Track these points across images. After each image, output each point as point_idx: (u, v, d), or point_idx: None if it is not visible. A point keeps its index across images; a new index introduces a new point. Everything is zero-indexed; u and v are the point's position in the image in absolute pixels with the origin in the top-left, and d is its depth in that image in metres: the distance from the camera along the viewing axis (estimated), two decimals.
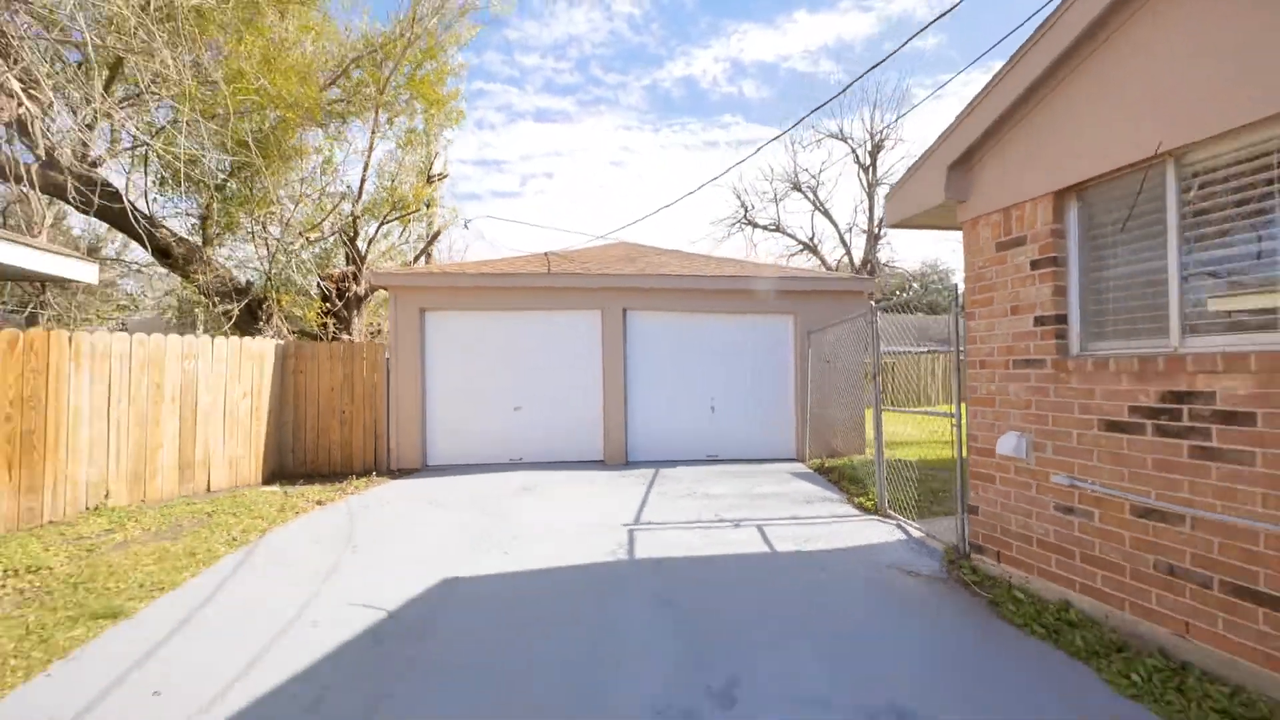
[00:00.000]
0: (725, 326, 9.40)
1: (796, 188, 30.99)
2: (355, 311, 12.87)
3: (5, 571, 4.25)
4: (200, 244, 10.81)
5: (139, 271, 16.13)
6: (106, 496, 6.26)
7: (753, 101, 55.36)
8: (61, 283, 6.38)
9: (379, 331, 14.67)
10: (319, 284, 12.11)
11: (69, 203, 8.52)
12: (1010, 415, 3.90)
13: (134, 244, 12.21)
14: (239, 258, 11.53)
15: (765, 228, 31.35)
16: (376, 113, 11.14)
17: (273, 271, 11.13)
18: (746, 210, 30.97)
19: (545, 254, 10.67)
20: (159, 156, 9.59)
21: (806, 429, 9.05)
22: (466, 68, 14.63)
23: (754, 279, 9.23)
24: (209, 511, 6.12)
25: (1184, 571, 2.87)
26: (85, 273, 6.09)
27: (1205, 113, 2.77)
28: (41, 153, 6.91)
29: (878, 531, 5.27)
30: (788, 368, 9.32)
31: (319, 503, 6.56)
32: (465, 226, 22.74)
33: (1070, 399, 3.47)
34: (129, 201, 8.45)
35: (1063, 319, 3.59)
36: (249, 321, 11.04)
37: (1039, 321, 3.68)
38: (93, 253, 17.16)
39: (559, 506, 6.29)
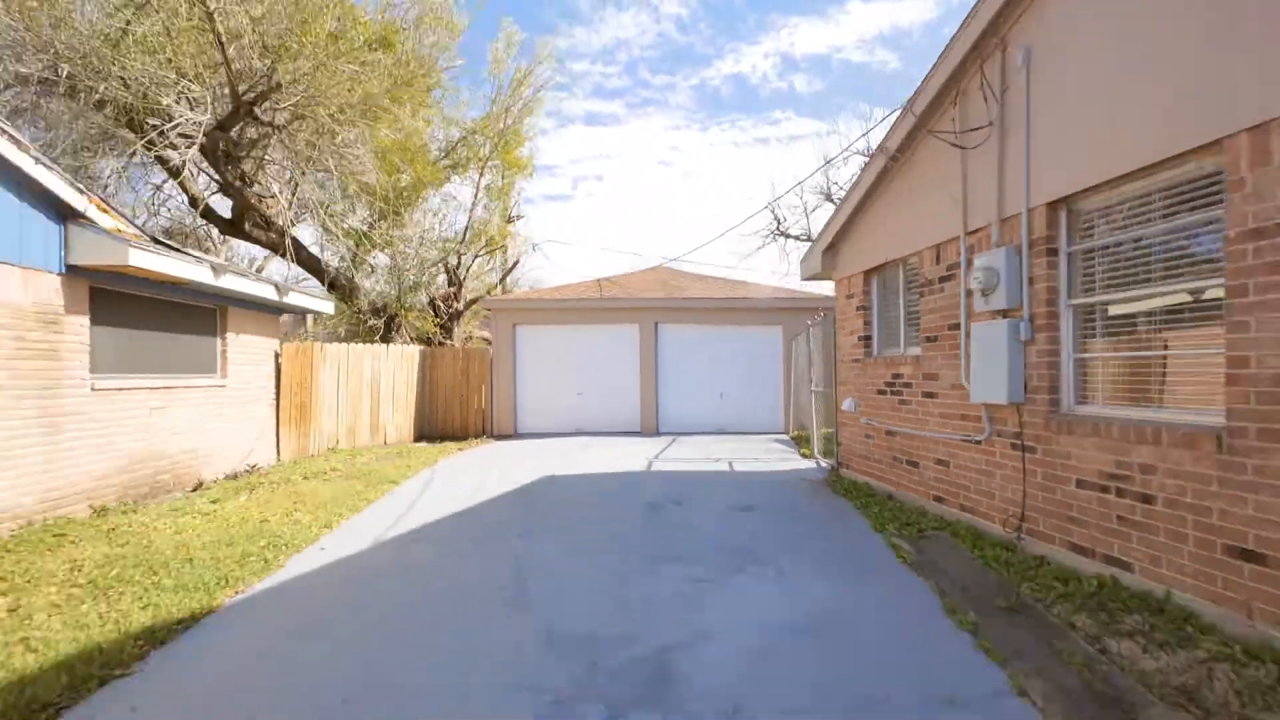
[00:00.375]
0: (732, 334, 12.72)
1: (829, 199, 33.53)
2: (455, 322, 16.93)
3: (321, 471, 8.19)
4: (352, 278, 15.04)
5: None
6: (336, 443, 10.31)
7: (804, 96, 54.64)
8: (312, 313, 10.44)
9: (469, 337, 18.74)
10: (431, 301, 16.21)
11: (281, 256, 12.79)
12: (850, 389, 7.15)
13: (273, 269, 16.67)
14: (379, 290, 15.72)
15: (798, 238, 33.98)
16: (481, 175, 15.14)
17: (401, 295, 15.27)
18: (779, 223, 33.68)
19: (598, 280, 14.29)
20: (330, 221, 13.79)
21: (789, 410, 12.25)
22: (536, 133, 18.43)
23: (751, 299, 12.51)
24: (397, 453, 10.04)
25: (898, 458, 6.10)
26: (328, 307, 10.13)
27: (899, 245, 6.00)
28: (287, 229, 11.03)
29: (803, 465, 8.54)
30: (776, 366, 12.54)
31: (459, 449, 10.40)
32: (533, 249, 26.97)
33: (869, 379, 6.70)
34: (320, 258, 12.65)
35: (869, 337, 6.83)
36: (386, 332, 15.21)
37: (859, 339, 6.92)
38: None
39: (609, 452, 9.85)
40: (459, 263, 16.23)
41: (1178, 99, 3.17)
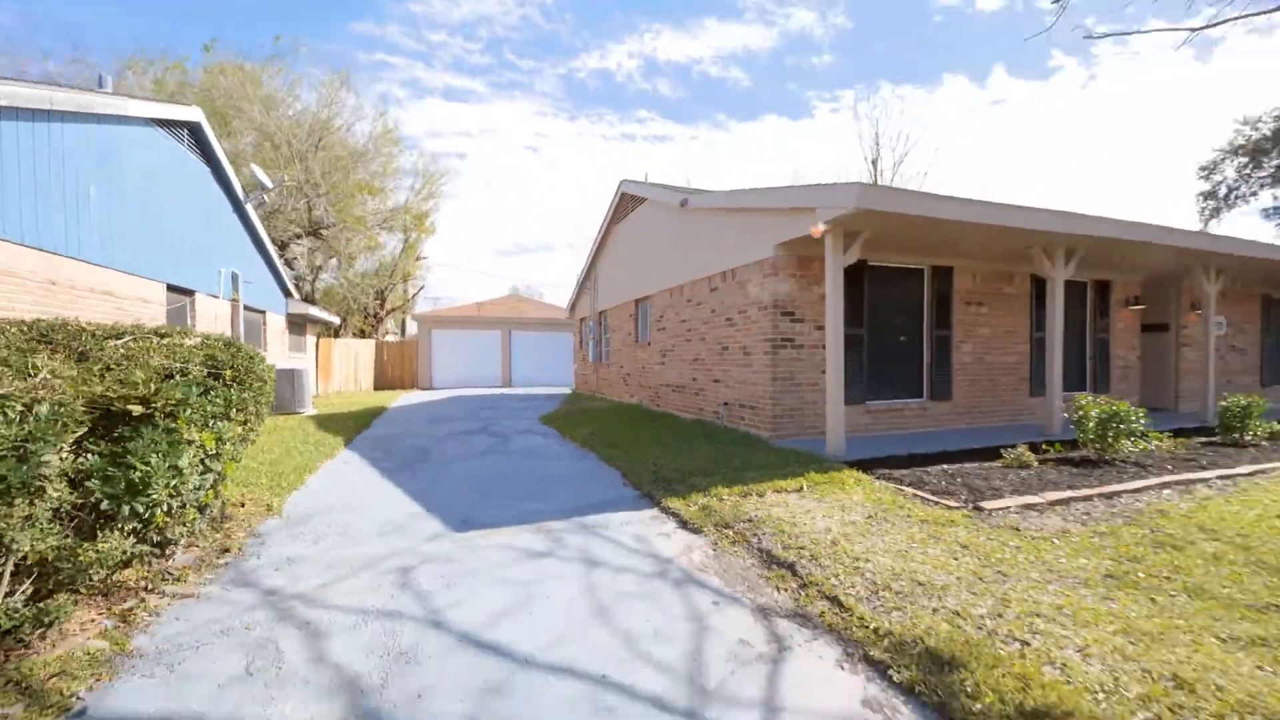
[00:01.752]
0: (548, 335, 24.34)
1: None
2: (379, 324, 26.77)
3: (351, 396, 18.50)
4: (313, 296, 24.31)
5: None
6: (339, 389, 20.33)
7: (668, 99, 54.83)
8: (325, 323, 20.00)
9: (387, 332, 28.41)
10: (364, 311, 25.92)
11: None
12: (577, 360, 19.23)
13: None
14: (335, 304, 25.02)
15: None
16: (406, 236, 25.13)
17: (349, 307, 24.86)
18: None
19: (477, 304, 25.21)
20: (310, 265, 23.18)
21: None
22: (436, 207, 28.35)
23: (554, 319, 24.34)
24: (373, 392, 20.37)
25: (587, 380, 18.24)
26: (335, 319, 20.08)
27: (582, 312, 18.12)
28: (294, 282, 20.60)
29: (568, 392, 20.54)
30: (571, 352, 24.48)
31: (404, 393, 20.94)
32: (428, 271, 36.46)
33: (580, 357, 18.79)
34: (310, 282, 22.19)
35: (581, 341, 18.94)
36: (339, 329, 24.68)
37: (579, 342, 19.00)
38: None
39: (482, 391, 21.02)
40: (385, 288, 26.12)
41: (626, 288, 15.42)
